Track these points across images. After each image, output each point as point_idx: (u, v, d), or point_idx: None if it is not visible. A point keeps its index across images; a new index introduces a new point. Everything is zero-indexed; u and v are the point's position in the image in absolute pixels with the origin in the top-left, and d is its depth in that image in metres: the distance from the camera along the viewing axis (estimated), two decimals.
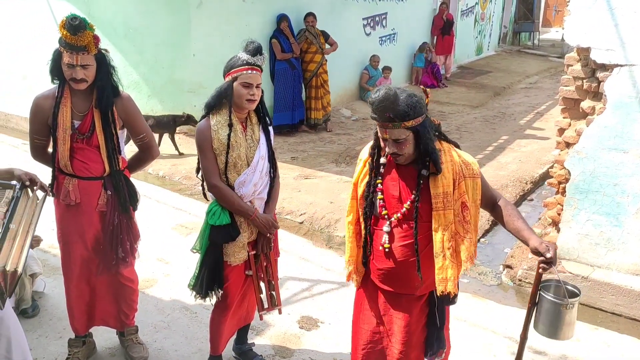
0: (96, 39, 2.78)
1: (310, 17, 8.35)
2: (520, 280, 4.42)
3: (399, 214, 2.32)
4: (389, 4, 11.08)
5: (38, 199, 2.75)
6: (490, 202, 2.43)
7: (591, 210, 4.13)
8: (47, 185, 2.83)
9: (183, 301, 3.90)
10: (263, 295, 3.06)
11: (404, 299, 2.44)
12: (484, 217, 5.51)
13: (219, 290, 2.93)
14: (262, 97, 2.92)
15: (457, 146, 2.41)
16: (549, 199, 4.60)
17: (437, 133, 2.33)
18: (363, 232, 2.45)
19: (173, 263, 4.45)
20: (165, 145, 6.96)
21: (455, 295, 2.40)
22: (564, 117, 4.34)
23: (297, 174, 6.55)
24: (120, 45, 7.36)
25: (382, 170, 2.37)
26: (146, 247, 3.37)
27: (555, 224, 4.48)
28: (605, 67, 3.92)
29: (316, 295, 4.12)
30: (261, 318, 3.16)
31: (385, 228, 2.35)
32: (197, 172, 2.97)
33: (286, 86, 8.22)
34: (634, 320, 3.98)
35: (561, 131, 4.35)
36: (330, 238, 5.13)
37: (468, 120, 9.87)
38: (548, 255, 2.19)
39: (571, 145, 4.18)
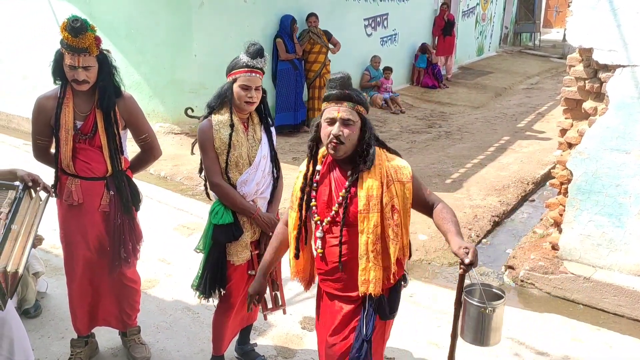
0: (97, 40, 2.78)
1: (312, 17, 8.37)
2: (522, 281, 4.42)
3: (329, 218, 2.31)
4: (390, 5, 11.08)
5: (41, 200, 2.75)
6: (426, 205, 2.41)
7: (593, 210, 4.13)
8: (50, 186, 2.83)
9: (185, 301, 3.90)
10: (267, 295, 3.06)
11: (343, 301, 2.41)
12: (485, 218, 5.52)
13: (222, 290, 2.93)
14: (264, 97, 2.93)
15: (397, 153, 2.46)
16: (551, 200, 4.60)
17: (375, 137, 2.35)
18: (304, 237, 2.43)
19: (175, 263, 4.45)
20: (167, 145, 6.96)
21: (394, 309, 2.41)
22: (566, 118, 4.34)
23: None
24: (122, 45, 7.36)
25: (316, 176, 2.36)
26: (148, 248, 3.38)
27: (557, 224, 4.48)
28: (607, 68, 3.92)
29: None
30: (265, 318, 3.16)
31: (318, 234, 2.34)
32: (200, 171, 2.97)
33: (289, 87, 8.23)
34: (636, 321, 3.98)
35: (563, 132, 4.35)
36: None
37: (469, 120, 9.87)
38: (466, 260, 2.11)
39: (573, 145, 4.18)
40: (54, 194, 2.88)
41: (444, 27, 12.80)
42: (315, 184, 2.35)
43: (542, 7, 23.34)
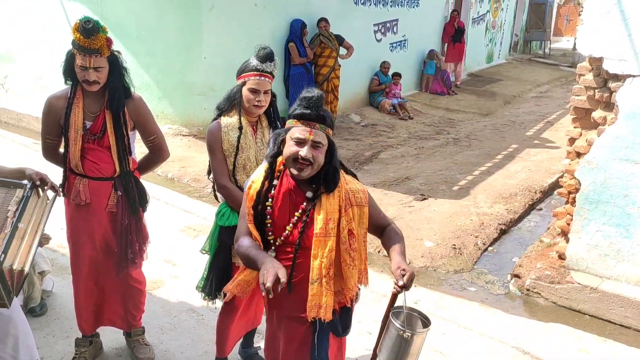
0: (109, 42, 2.80)
1: (323, 22, 8.42)
2: (528, 290, 4.39)
3: (282, 237, 2.23)
4: (401, 11, 11.09)
5: (48, 199, 2.76)
6: (379, 228, 2.41)
7: (601, 221, 4.11)
8: (58, 185, 2.85)
9: (190, 303, 3.90)
10: None
11: (293, 321, 2.34)
12: (492, 226, 5.50)
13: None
14: (274, 101, 2.94)
15: (354, 175, 2.40)
16: (559, 209, 4.58)
17: None
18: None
19: (180, 265, 4.46)
20: (175, 147, 6.98)
21: (347, 327, 2.38)
22: (575, 127, 4.32)
23: None
24: (132, 47, 7.40)
25: (271, 190, 2.25)
26: (154, 249, 3.38)
27: (564, 234, 4.46)
28: (617, 77, 3.91)
29: None
30: None
31: (270, 253, 2.23)
32: (208, 173, 2.98)
33: (301, 91, 8.25)
34: None
35: (572, 141, 4.33)
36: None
37: (478, 128, 9.84)
38: (400, 282, 2.16)
39: (582, 155, 4.16)
40: (61, 193, 2.89)
41: (454, 34, 12.79)
42: (270, 200, 2.23)
43: (553, 16, 23.29)
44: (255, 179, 2.29)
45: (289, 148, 2.15)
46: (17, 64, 8.72)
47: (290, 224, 2.23)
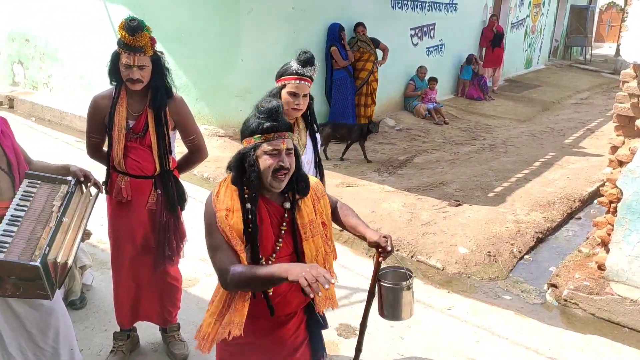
0: (152, 41, 2.87)
1: (360, 27, 8.46)
2: (565, 300, 4.30)
3: (274, 255, 2.18)
4: (438, 15, 11.02)
5: (91, 195, 2.84)
6: (332, 210, 2.48)
7: None
8: (101, 182, 2.93)
9: None
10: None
11: (283, 324, 2.31)
12: (529, 234, 5.41)
13: None
14: (311, 104, 2.96)
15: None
16: (599, 218, 4.47)
17: None
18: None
19: None
20: (211, 147, 7.07)
21: (325, 318, 2.48)
22: (617, 135, 4.22)
23: (339, 182, 6.57)
24: (172, 48, 7.53)
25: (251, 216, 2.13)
26: (189, 247, 3.44)
27: (604, 244, 4.35)
28: None
29: (355, 303, 4.11)
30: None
31: None
32: None
33: (345, 94, 8.31)
34: None
35: (614, 149, 4.22)
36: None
37: (514, 134, 9.69)
38: (389, 248, 2.34)
39: (624, 163, 4.06)
40: (104, 190, 2.97)
41: (493, 38, 12.63)
42: (255, 226, 2.13)
43: (595, 21, 22.76)
44: (228, 207, 2.12)
45: (266, 162, 2.08)
46: (61, 64, 8.98)
47: (280, 239, 2.19)
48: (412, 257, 4.96)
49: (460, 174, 7.15)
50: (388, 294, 2.46)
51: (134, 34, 2.77)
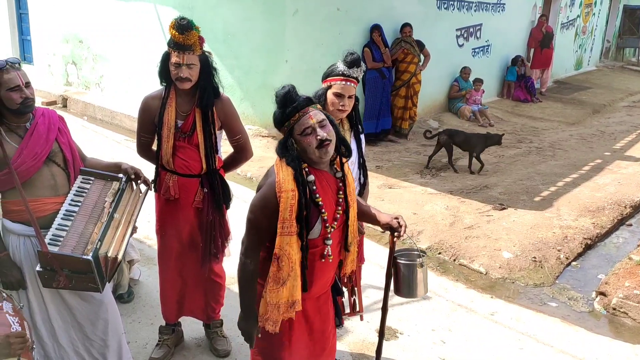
0: (201, 40, 2.93)
1: (407, 27, 8.39)
2: (614, 309, 4.17)
3: (335, 223, 2.31)
4: (485, 15, 10.83)
5: (141, 192, 2.93)
6: None
7: None
8: (150, 180, 3.01)
9: None
10: (345, 300, 3.08)
11: (323, 296, 2.48)
12: (576, 240, 5.26)
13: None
14: (356, 105, 2.97)
15: None
16: None
17: None
18: (299, 257, 2.25)
19: None
20: (254, 147, 7.16)
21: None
22: None
23: (381, 183, 6.54)
24: (219, 49, 7.67)
25: (313, 186, 2.23)
26: (233, 245, 3.49)
27: None
28: None
29: (396, 305, 4.09)
30: (342, 323, 3.18)
31: (328, 242, 2.30)
32: None
33: (375, 95, 8.25)
34: None
35: None
36: (411, 244, 5.08)
37: (563, 137, 9.44)
38: (401, 228, 2.45)
39: None
40: (153, 188, 3.05)
41: (542, 39, 12.32)
42: (317, 196, 2.23)
43: None
44: (292, 188, 2.18)
45: (305, 140, 2.18)
46: (112, 64, 9.26)
47: (339, 207, 2.32)
48: (454, 260, 4.90)
49: (505, 177, 7.01)
50: (404, 272, 2.61)
51: (184, 33, 2.84)
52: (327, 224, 2.26)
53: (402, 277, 2.62)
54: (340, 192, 2.32)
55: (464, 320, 3.98)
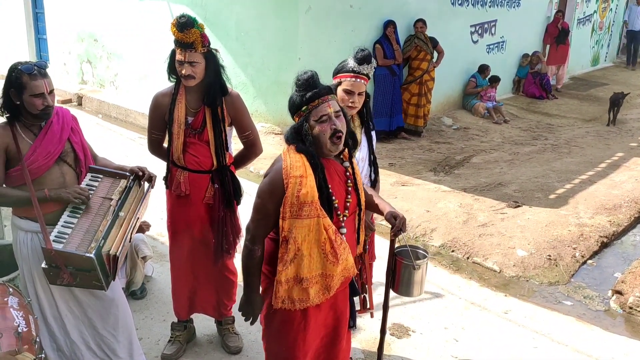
0: (204, 38, 2.92)
1: (420, 22, 8.31)
2: (631, 307, 4.10)
3: (347, 211, 2.33)
4: (500, 11, 10.71)
5: (145, 191, 2.93)
6: None
7: None
8: (162, 177, 3.01)
9: None
10: (355, 298, 3.07)
11: (341, 294, 2.48)
12: (592, 238, 5.19)
13: None
14: (367, 102, 2.95)
15: None
16: None
17: None
18: (307, 240, 2.26)
19: None
20: (267, 145, 7.17)
21: None
22: None
23: (394, 181, 6.51)
24: (232, 47, 7.69)
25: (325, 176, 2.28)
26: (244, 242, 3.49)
27: None
28: None
29: (408, 303, 4.07)
30: (355, 324, 3.16)
31: (343, 230, 2.33)
32: None
33: (385, 92, 8.20)
34: None
35: None
36: (425, 247, 5.04)
37: (579, 134, 9.31)
38: (394, 229, 2.44)
39: None
40: (154, 185, 2.99)
41: (558, 35, 12.16)
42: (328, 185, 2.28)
43: None
44: (302, 174, 2.20)
45: (320, 128, 2.21)
46: (126, 62, 9.33)
47: (349, 195, 2.35)
48: (467, 258, 4.86)
49: (520, 174, 6.94)
50: (402, 271, 2.66)
51: (183, 30, 2.84)
52: (339, 212, 2.29)
53: (400, 276, 2.68)
54: (349, 181, 2.35)
55: (477, 319, 3.95)
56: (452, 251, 4.96)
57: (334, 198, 2.27)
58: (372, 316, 3.20)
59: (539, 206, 5.85)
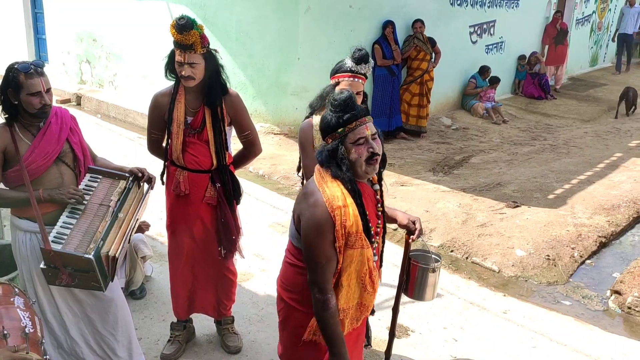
0: (203, 39, 2.92)
1: (418, 23, 8.33)
2: (629, 307, 4.11)
3: (378, 237, 2.28)
4: (499, 12, 10.73)
5: (144, 191, 2.94)
6: None
7: None
8: (158, 176, 3.01)
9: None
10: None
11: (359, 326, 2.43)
12: (591, 238, 5.21)
13: None
14: (365, 101, 2.97)
15: None
16: None
17: None
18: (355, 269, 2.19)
19: (269, 259, 4.58)
20: (266, 145, 7.18)
21: None
22: None
23: (394, 181, 6.52)
24: (231, 47, 7.69)
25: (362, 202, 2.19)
26: (244, 242, 3.50)
27: None
28: None
29: (407, 303, 4.06)
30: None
31: (375, 257, 2.28)
32: (298, 170, 3.06)
33: (384, 92, 8.21)
34: None
35: None
36: (424, 247, 5.06)
37: (577, 134, 9.33)
38: (417, 233, 2.48)
39: None
40: (154, 185, 3.00)
41: (556, 35, 12.18)
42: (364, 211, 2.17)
43: None
44: (344, 204, 2.09)
45: (357, 152, 2.11)
46: (126, 63, 9.32)
47: (379, 221, 2.31)
48: (466, 258, 4.87)
49: (519, 174, 6.95)
50: (417, 274, 2.67)
51: (182, 32, 2.84)
52: (373, 239, 2.21)
53: (414, 279, 2.69)
54: (379, 205, 2.29)
55: (476, 319, 3.96)
56: (451, 251, 4.97)
57: (371, 225, 2.19)
58: (372, 314, 3.20)
59: (538, 206, 5.87)
